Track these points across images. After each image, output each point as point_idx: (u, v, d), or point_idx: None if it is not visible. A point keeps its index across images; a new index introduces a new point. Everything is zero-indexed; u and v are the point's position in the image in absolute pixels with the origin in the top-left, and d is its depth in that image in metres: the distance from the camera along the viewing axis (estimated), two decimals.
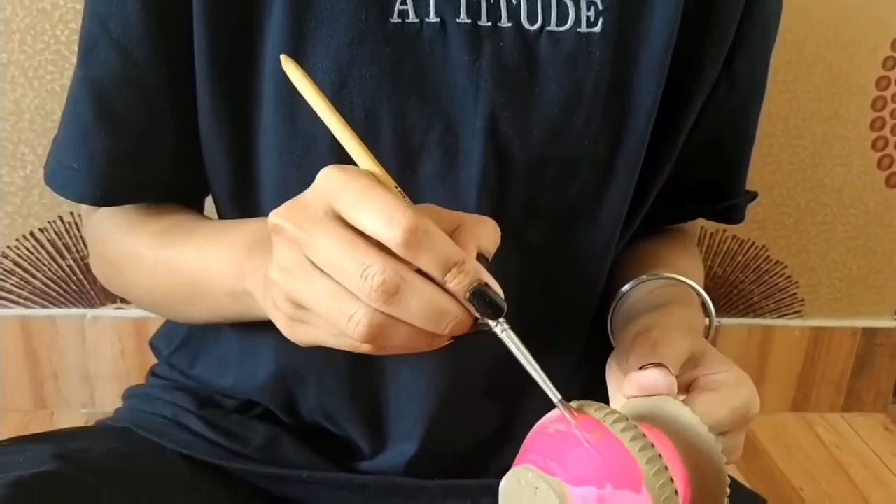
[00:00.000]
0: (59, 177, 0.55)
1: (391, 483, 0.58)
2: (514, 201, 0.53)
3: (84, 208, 0.60)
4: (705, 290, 0.57)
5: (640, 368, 0.42)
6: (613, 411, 0.37)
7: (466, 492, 0.58)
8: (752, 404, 0.43)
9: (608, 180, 0.54)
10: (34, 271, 1.07)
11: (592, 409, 0.38)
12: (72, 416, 1.12)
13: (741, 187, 0.67)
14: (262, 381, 0.58)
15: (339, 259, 0.34)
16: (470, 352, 0.54)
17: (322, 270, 0.35)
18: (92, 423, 0.63)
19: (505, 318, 0.36)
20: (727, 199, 0.66)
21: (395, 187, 0.37)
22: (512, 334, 0.37)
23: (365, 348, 0.36)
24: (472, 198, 0.52)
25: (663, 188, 0.59)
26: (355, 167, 0.37)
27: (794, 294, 1.21)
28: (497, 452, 0.60)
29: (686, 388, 0.44)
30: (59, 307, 1.09)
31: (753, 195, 0.68)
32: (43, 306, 1.09)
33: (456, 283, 0.35)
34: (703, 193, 0.65)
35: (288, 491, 0.58)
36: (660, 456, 0.35)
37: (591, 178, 0.53)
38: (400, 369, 0.56)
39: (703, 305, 0.57)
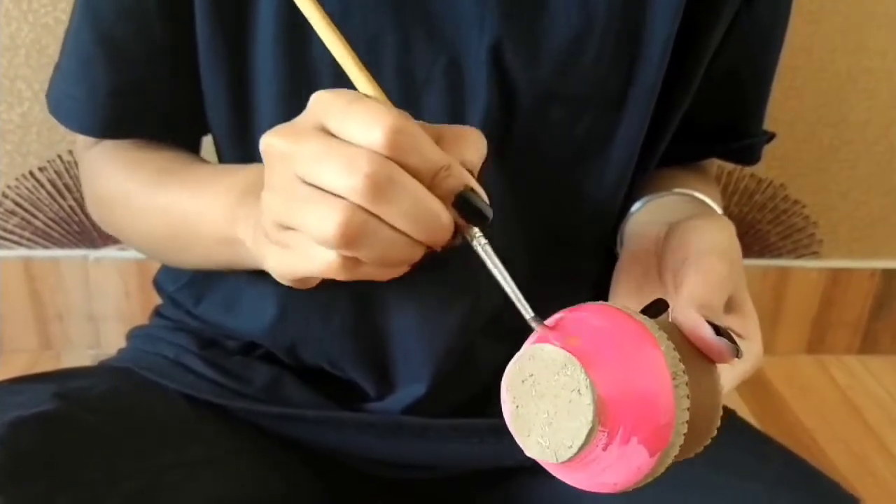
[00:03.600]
0: (63, 106, 0.55)
1: (398, 422, 0.57)
2: (519, 139, 0.51)
3: (79, 144, 0.59)
4: None
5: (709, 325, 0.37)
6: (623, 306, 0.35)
7: (474, 431, 0.58)
8: (751, 371, 0.43)
9: (619, 118, 0.52)
10: (35, 212, 1.06)
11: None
12: (78, 357, 1.12)
13: (758, 127, 0.65)
14: (267, 323, 0.57)
15: (323, 159, 0.33)
16: (474, 293, 0.53)
17: (307, 183, 0.34)
18: (98, 363, 0.63)
19: (488, 228, 0.35)
20: (743, 139, 0.64)
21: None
22: (489, 249, 0.35)
23: (337, 264, 0.35)
24: None
25: (677, 125, 0.57)
26: (349, 90, 0.36)
27: (813, 234, 1.18)
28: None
29: None
30: (62, 248, 1.08)
31: (771, 136, 0.65)
32: (45, 247, 1.08)
33: (444, 186, 0.34)
34: (718, 132, 0.63)
35: (292, 431, 0.57)
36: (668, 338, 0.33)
37: (601, 117, 0.52)
38: (405, 311, 0.55)
39: None
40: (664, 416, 0.32)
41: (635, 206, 0.55)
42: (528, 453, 0.34)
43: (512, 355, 0.59)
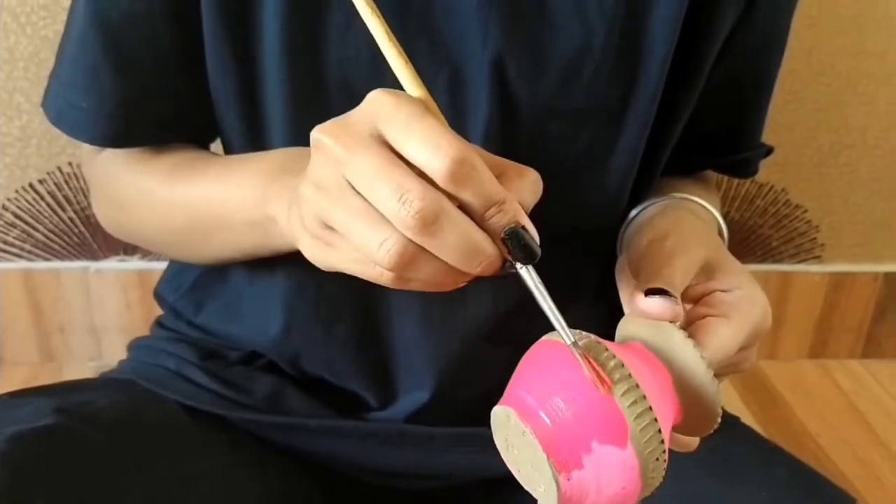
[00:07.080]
0: (69, 117, 0.54)
1: (401, 431, 0.57)
2: (520, 151, 0.51)
3: (86, 150, 0.59)
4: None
5: (647, 294, 0.41)
6: (612, 356, 0.36)
7: (477, 440, 0.57)
8: (765, 322, 0.43)
9: (619, 131, 0.52)
10: (35, 224, 1.06)
11: (592, 352, 0.37)
12: (80, 369, 1.11)
13: (756, 140, 0.65)
14: (271, 333, 0.56)
15: (377, 179, 0.33)
16: (478, 300, 0.53)
17: (358, 192, 0.34)
18: (99, 375, 0.62)
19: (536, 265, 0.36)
20: (741, 151, 0.64)
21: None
22: (536, 278, 0.36)
23: (387, 278, 0.35)
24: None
25: (678, 136, 0.57)
26: (404, 92, 0.36)
27: (815, 239, 1.18)
28: None
29: (698, 298, 0.44)
30: (63, 260, 1.08)
31: (769, 149, 0.65)
32: (46, 259, 1.08)
33: (494, 221, 0.34)
34: (716, 143, 0.63)
35: (293, 441, 0.57)
36: (650, 409, 0.35)
37: (602, 129, 0.52)
38: (406, 321, 0.55)
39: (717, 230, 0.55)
40: (630, 466, 0.35)
41: (633, 212, 0.55)
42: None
43: (516, 361, 0.59)
